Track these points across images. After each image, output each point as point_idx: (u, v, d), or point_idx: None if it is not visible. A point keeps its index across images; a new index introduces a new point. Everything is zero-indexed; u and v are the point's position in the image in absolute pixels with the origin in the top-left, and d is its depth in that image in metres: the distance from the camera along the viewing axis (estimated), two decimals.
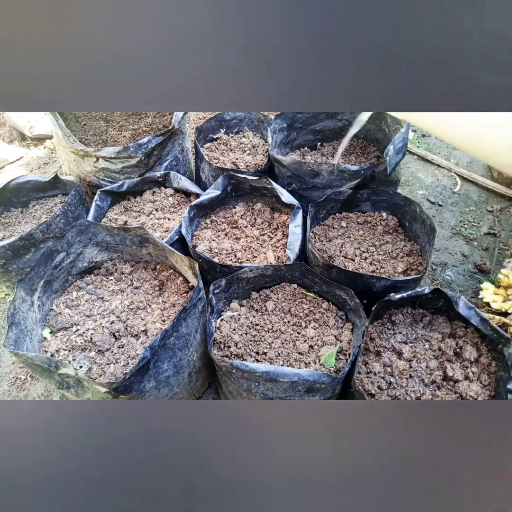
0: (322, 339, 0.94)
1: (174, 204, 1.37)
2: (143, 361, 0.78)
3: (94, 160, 1.32)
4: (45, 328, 1.00)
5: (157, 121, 1.64)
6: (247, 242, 1.20)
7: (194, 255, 1.11)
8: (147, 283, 1.11)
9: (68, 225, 1.20)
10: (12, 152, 2.10)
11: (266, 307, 1.02)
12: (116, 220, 1.30)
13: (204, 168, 1.42)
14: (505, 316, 1.09)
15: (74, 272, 1.10)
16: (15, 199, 1.36)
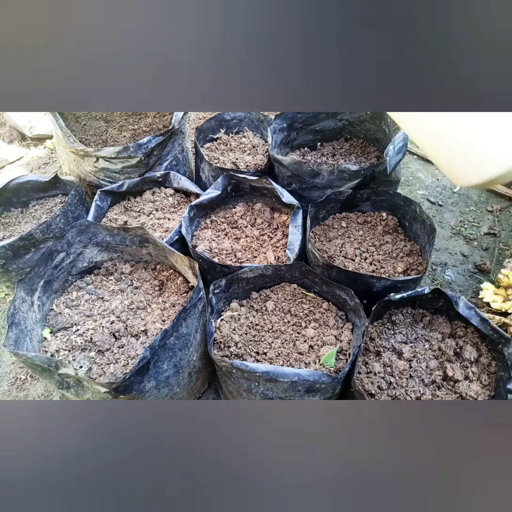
0: (322, 339, 0.94)
1: (174, 204, 1.37)
2: (143, 361, 0.78)
3: (94, 160, 1.32)
4: (45, 328, 1.00)
5: (157, 121, 1.65)
6: (247, 242, 1.20)
7: (194, 255, 1.11)
8: (147, 283, 1.11)
9: (68, 225, 1.20)
10: (12, 152, 2.10)
11: (266, 307, 1.02)
12: (116, 220, 1.30)
13: (204, 168, 1.42)
14: (505, 316, 1.09)
15: (74, 272, 1.10)
16: (15, 199, 1.36)
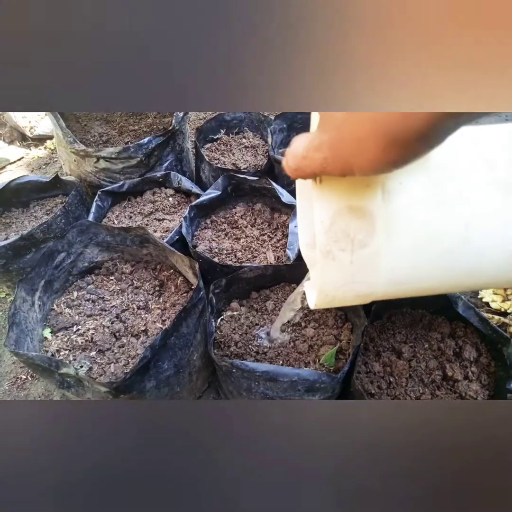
0: (322, 339, 0.94)
1: (174, 204, 1.37)
2: (144, 360, 0.78)
3: (94, 161, 1.32)
4: (45, 328, 1.00)
5: (158, 122, 1.65)
6: (247, 242, 1.20)
7: (194, 255, 1.12)
8: (147, 283, 1.12)
9: (68, 225, 1.20)
10: (13, 153, 2.10)
11: (266, 307, 1.02)
12: (116, 220, 1.30)
13: (204, 168, 1.42)
14: (505, 316, 1.09)
15: (75, 272, 1.11)
16: (16, 199, 1.36)
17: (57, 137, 1.42)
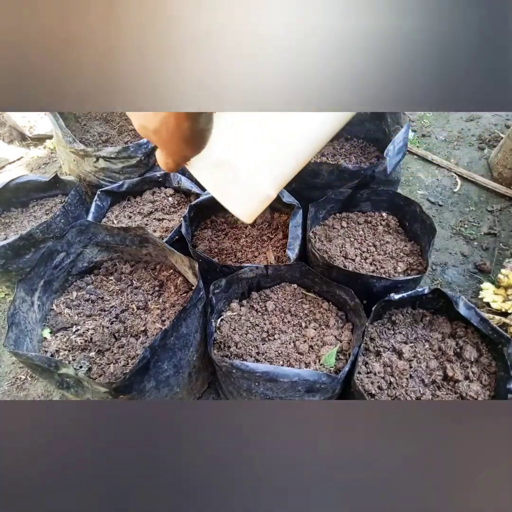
0: (322, 339, 0.94)
1: (174, 204, 1.37)
2: (143, 361, 0.78)
3: (94, 160, 1.32)
4: (45, 328, 1.00)
5: None
6: (247, 242, 1.20)
7: (194, 255, 1.11)
8: (147, 283, 1.11)
9: (68, 225, 1.20)
10: (12, 152, 2.10)
11: (266, 307, 1.02)
12: (116, 220, 1.30)
13: None
14: (505, 316, 1.09)
15: (74, 272, 1.10)
16: (15, 199, 1.35)
17: (56, 137, 1.42)
